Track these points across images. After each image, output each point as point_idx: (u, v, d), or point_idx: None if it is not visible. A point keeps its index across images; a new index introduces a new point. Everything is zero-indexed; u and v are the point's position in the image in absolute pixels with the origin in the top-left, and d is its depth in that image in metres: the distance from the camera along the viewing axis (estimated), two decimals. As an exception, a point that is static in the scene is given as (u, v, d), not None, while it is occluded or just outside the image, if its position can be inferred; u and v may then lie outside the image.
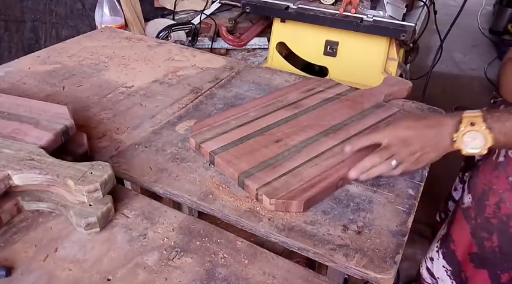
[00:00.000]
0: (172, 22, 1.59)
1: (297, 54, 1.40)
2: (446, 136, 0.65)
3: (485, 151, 0.64)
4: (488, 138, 0.62)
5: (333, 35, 1.30)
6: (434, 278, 0.93)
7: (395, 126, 0.68)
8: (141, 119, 0.85)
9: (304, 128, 0.78)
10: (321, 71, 1.43)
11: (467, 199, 0.82)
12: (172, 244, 0.59)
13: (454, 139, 0.65)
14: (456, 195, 1.09)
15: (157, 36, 1.46)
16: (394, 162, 0.67)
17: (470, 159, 1.05)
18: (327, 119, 0.81)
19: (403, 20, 1.19)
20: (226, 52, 1.53)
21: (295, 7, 1.25)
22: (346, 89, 0.92)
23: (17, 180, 0.59)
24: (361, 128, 0.79)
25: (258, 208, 0.64)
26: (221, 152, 0.71)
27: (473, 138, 0.63)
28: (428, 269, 0.93)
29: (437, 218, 1.20)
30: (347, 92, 0.91)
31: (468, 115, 0.64)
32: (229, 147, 0.73)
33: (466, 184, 0.85)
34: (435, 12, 1.39)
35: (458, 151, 0.65)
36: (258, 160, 0.70)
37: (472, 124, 0.63)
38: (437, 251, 0.89)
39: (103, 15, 1.43)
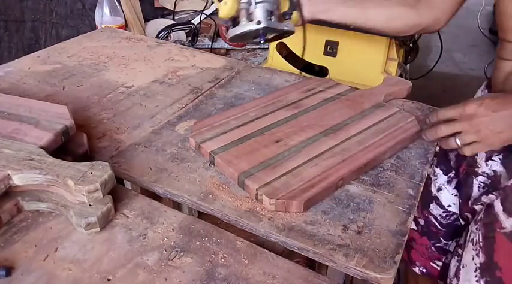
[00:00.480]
0: (172, 22, 1.59)
1: (297, 54, 1.40)
2: None
3: None
4: None
5: (333, 35, 1.30)
6: None
7: (470, 101, 0.69)
8: (141, 119, 0.85)
9: (304, 128, 0.78)
10: (321, 71, 1.43)
11: (509, 223, 0.77)
12: (172, 244, 0.59)
13: None
14: (443, 197, 1.02)
15: (157, 36, 1.47)
16: (457, 141, 0.69)
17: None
18: (327, 119, 0.81)
19: (403, 20, 1.18)
20: (226, 52, 1.53)
21: (295, 7, 1.24)
22: (346, 89, 0.92)
23: (17, 180, 0.59)
24: (361, 128, 0.79)
25: (258, 208, 0.64)
26: (221, 152, 0.71)
27: None
28: None
29: (415, 226, 1.07)
30: (347, 92, 0.91)
31: None
32: (229, 147, 0.73)
33: (498, 208, 0.81)
34: (435, 12, 1.38)
35: None
36: (258, 160, 0.70)
37: None
38: (477, 281, 0.84)
39: (103, 15, 1.43)
